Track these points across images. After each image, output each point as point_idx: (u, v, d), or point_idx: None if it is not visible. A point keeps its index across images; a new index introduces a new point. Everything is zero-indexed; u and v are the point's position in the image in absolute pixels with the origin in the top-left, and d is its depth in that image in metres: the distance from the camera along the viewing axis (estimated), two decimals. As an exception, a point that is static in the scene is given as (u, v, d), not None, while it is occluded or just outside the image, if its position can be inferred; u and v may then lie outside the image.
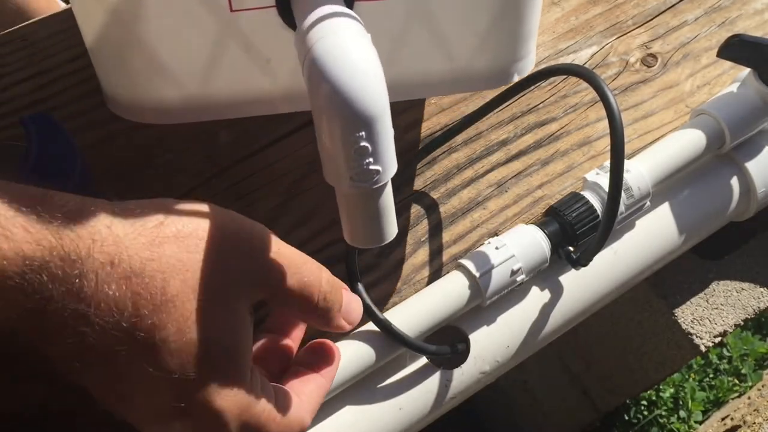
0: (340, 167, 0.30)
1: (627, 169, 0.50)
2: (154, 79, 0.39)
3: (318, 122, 0.30)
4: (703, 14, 0.65)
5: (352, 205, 0.32)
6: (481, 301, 0.47)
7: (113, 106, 0.42)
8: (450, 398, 0.47)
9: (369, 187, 0.30)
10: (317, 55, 0.29)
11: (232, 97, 0.40)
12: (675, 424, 1.27)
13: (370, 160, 0.30)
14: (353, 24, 0.31)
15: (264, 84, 0.40)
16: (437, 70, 0.41)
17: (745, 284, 0.65)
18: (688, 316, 0.64)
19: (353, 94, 0.28)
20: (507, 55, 0.42)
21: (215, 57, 0.38)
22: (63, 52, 0.58)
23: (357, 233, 0.33)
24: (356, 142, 0.29)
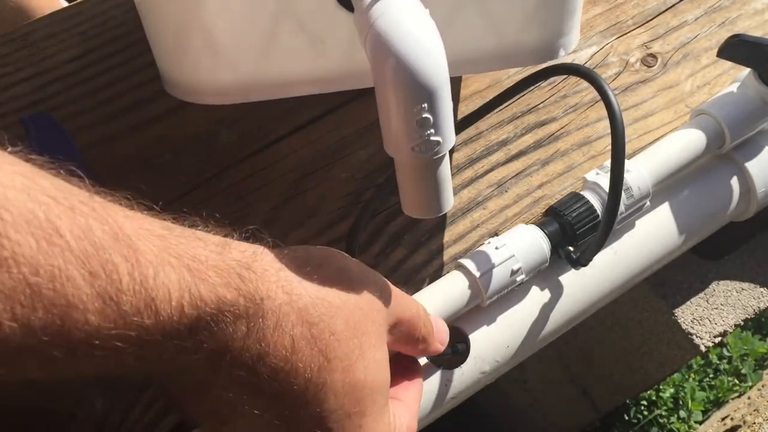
0: (401, 138, 0.31)
1: (627, 169, 0.50)
2: (211, 61, 0.40)
3: (381, 95, 0.31)
4: (703, 14, 0.65)
5: (412, 174, 0.32)
6: (481, 301, 0.47)
7: (170, 88, 0.43)
8: (450, 398, 0.47)
9: (429, 158, 0.31)
10: (381, 30, 0.30)
11: (285, 78, 0.41)
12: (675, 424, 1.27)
13: (431, 131, 0.30)
14: (412, 1, 0.32)
15: (316, 64, 0.41)
16: (485, 47, 0.42)
17: (745, 284, 0.65)
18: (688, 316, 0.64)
19: (417, 67, 0.29)
20: (553, 30, 0.43)
21: (271, 38, 0.39)
22: (63, 52, 0.58)
23: (415, 203, 0.34)
24: (419, 114, 0.30)
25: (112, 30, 0.59)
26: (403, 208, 0.34)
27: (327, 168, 0.54)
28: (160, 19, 0.40)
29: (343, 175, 0.54)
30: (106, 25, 0.60)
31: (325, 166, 0.54)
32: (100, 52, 0.58)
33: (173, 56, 0.42)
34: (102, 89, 0.56)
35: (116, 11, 0.61)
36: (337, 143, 0.55)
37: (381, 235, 0.51)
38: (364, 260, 0.50)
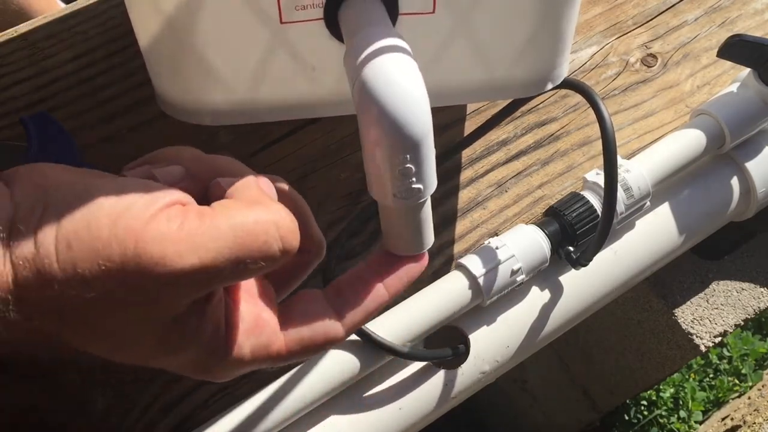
0: (385, 185, 0.32)
1: (627, 169, 0.50)
2: (205, 84, 0.41)
3: (365, 142, 0.32)
4: (703, 14, 0.65)
5: (395, 218, 0.34)
6: (481, 301, 0.47)
7: (165, 107, 0.44)
8: (450, 398, 0.47)
9: (411, 203, 0.32)
10: (367, 79, 0.31)
11: (278, 102, 0.43)
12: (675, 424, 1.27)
13: (413, 180, 0.31)
14: (401, 51, 0.32)
15: (308, 90, 0.42)
16: (476, 79, 0.43)
17: (745, 284, 0.65)
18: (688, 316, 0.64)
19: (401, 120, 0.30)
20: (544, 63, 0.44)
21: (263, 64, 0.40)
22: (63, 52, 0.58)
23: (397, 243, 0.35)
24: (401, 164, 0.31)
25: (112, 30, 0.59)
26: (386, 246, 0.35)
27: (327, 168, 0.54)
28: (154, 40, 0.41)
29: (343, 175, 0.53)
30: (106, 25, 0.60)
31: (325, 166, 0.54)
32: (100, 52, 0.58)
33: (168, 77, 0.42)
34: (102, 89, 0.56)
35: (116, 11, 0.61)
36: (337, 143, 0.55)
37: (381, 235, 0.51)
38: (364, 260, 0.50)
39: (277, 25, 0.38)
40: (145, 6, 0.39)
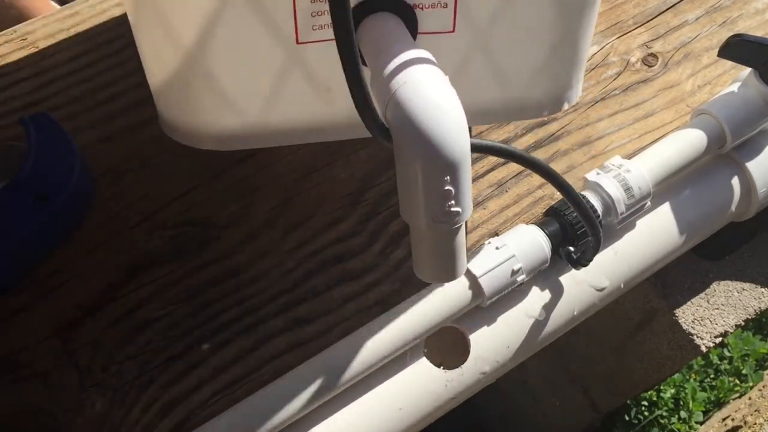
0: (421, 208, 0.31)
1: (627, 169, 0.50)
2: (215, 108, 0.39)
3: (401, 164, 0.31)
4: (703, 14, 0.65)
5: (429, 243, 0.33)
6: (481, 301, 0.47)
7: (170, 131, 0.42)
8: (450, 398, 0.47)
9: (448, 228, 0.31)
10: (403, 99, 0.29)
11: (291, 125, 0.41)
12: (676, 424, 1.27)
13: (452, 203, 0.30)
14: (433, 68, 0.31)
15: (322, 112, 0.41)
16: (493, 99, 0.43)
17: (746, 284, 0.65)
18: (689, 317, 0.64)
19: (441, 141, 0.29)
20: (559, 84, 0.43)
21: (277, 86, 0.39)
22: (63, 52, 0.58)
23: (429, 269, 0.34)
24: (441, 186, 0.30)
25: (112, 30, 0.59)
26: (416, 272, 0.34)
27: (327, 168, 0.54)
28: (161, 60, 0.39)
29: (343, 175, 0.53)
30: (106, 25, 0.60)
31: (325, 166, 0.54)
32: (100, 51, 0.58)
33: (174, 99, 0.41)
34: (102, 89, 0.56)
35: (116, 11, 0.61)
36: (337, 143, 0.55)
37: (381, 235, 0.51)
38: (364, 260, 0.50)
39: (292, 45, 0.37)
40: (153, 24, 0.38)
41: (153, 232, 0.50)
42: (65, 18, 0.60)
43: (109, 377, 0.45)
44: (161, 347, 0.46)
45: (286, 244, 0.50)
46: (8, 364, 0.45)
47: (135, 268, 0.49)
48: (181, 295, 0.48)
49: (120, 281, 0.48)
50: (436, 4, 0.37)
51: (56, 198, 0.48)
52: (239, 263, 0.49)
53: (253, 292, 0.48)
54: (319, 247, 0.50)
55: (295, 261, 0.50)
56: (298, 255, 0.50)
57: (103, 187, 0.52)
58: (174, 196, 0.52)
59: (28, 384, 0.45)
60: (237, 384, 0.45)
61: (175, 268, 0.49)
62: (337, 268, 0.50)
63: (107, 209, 0.51)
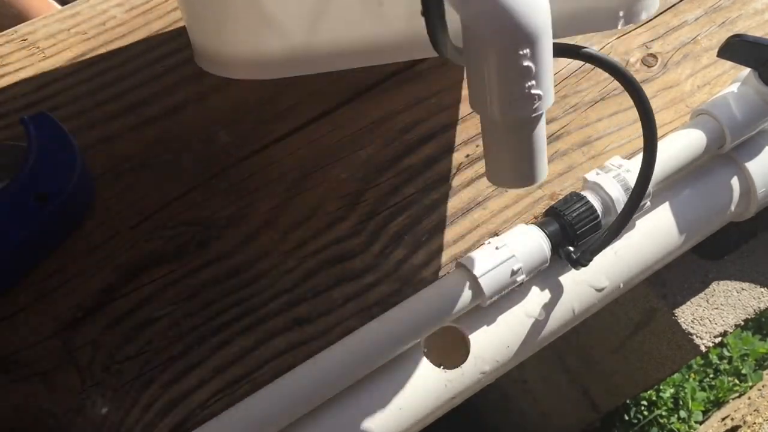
0: (497, 90, 0.27)
1: (627, 169, 0.50)
2: (255, 29, 0.36)
3: (473, 40, 0.27)
4: (703, 14, 0.65)
5: (505, 135, 0.28)
6: (481, 301, 0.47)
7: (205, 62, 0.39)
8: (450, 398, 0.47)
9: (528, 116, 0.27)
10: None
11: (339, 47, 0.37)
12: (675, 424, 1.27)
13: (532, 83, 0.27)
14: None
15: (374, 31, 0.36)
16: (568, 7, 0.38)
17: (745, 284, 0.65)
18: (689, 316, 0.64)
19: (521, 8, 0.26)
20: None
21: (323, 1, 0.35)
22: (63, 52, 0.58)
23: (506, 170, 0.30)
24: (520, 61, 0.26)
25: (112, 30, 0.59)
26: (489, 178, 0.30)
27: (327, 168, 0.54)
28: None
29: (343, 175, 0.53)
30: (106, 25, 0.60)
31: (325, 166, 0.54)
32: (100, 52, 0.58)
33: (211, 25, 0.37)
34: (102, 89, 0.56)
35: (116, 11, 0.61)
36: (337, 143, 0.55)
37: (381, 235, 0.51)
38: (364, 260, 0.50)
39: None
40: None
41: (153, 232, 0.50)
42: (66, 18, 0.60)
43: (109, 377, 0.45)
44: (161, 347, 0.46)
45: (286, 244, 0.50)
46: (8, 363, 0.45)
47: (135, 268, 0.49)
48: (181, 295, 0.48)
49: (120, 281, 0.48)
50: None
51: (56, 198, 0.48)
52: (239, 263, 0.49)
53: (253, 292, 0.48)
54: (319, 247, 0.50)
55: (295, 261, 0.50)
56: (298, 255, 0.50)
57: (103, 187, 0.52)
58: (174, 196, 0.52)
59: (29, 384, 0.45)
60: (237, 384, 0.46)
61: (175, 268, 0.49)
62: (337, 268, 0.50)
63: (107, 209, 0.51)
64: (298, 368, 0.45)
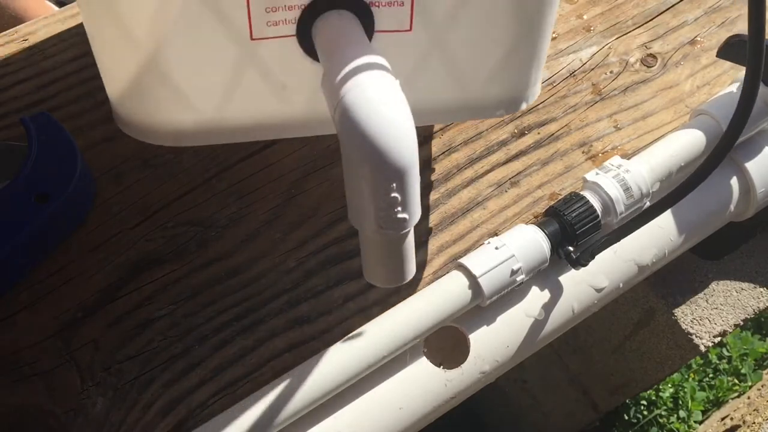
0: (368, 214, 0.30)
1: (627, 169, 0.50)
2: (170, 104, 0.39)
3: (348, 169, 0.30)
4: (702, 14, 0.65)
5: (376, 248, 0.33)
6: (481, 301, 0.47)
7: (125, 128, 0.42)
8: (450, 398, 0.47)
9: (395, 234, 0.31)
10: (350, 105, 0.29)
11: (246, 122, 0.41)
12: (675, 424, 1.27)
13: (398, 209, 0.30)
14: (383, 72, 0.31)
15: (278, 109, 0.40)
16: (450, 98, 0.42)
17: (745, 284, 0.65)
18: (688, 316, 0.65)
19: (387, 148, 0.29)
20: (519, 82, 0.43)
21: (232, 83, 0.38)
22: (63, 52, 0.58)
23: (378, 273, 0.34)
24: (387, 193, 0.30)
25: (112, 30, 0.59)
26: (366, 277, 0.34)
27: (327, 168, 0.54)
28: (114, 56, 0.39)
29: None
30: (106, 25, 0.60)
31: (325, 166, 0.54)
32: (100, 52, 0.58)
33: (128, 96, 0.40)
34: (102, 89, 0.56)
35: (116, 11, 0.61)
36: (337, 143, 0.55)
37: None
38: (364, 260, 0.50)
39: (247, 42, 0.36)
40: (104, 21, 0.37)
41: (153, 232, 0.50)
42: (66, 19, 0.60)
43: (109, 377, 0.45)
44: (162, 347, 0.46)
45: (286, 244, 0.50)
46: (9, 363, 0.45)
47: (135, 268, 0.49)
48: (182, 294, 0.48)
49: (120, 281, 0.48)
50: (393, 2, 0.36)
51: (57, 198, 0.48)
52: (239, 263, 0.49)
53: (253, 292, 0.49)
54: (319, 247, 0.50)
55: (295, 261, 0.50)
56: (298, 255, 0.50)
57: (104, 187, 0.52)
58: (174, 196, 0.52)
59: (29, 383, 0.45)
60: (237, 384, 0.46)
61: (175, 268, 0.49)
62: (337, 268, 0.50)
63: (108, 209, 0.51)
64: (298, 368, 0.45)
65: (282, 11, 0.35)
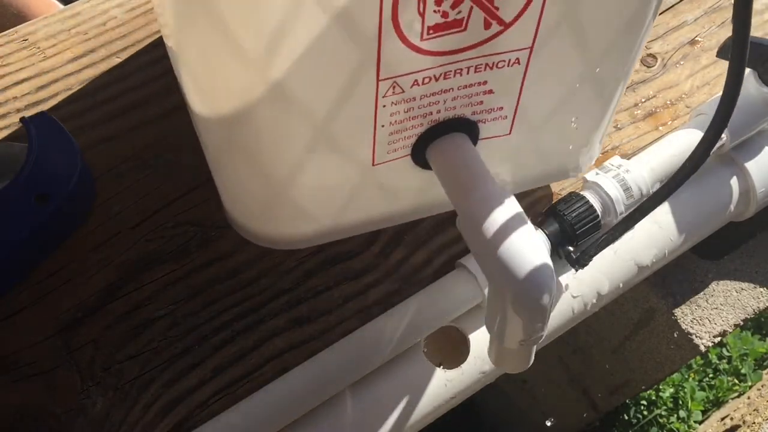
0: (514, 339, 0.36)
1: (627, 169, 0.50)
2: (293, 220, 0.44)
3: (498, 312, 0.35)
4: (702, 14, 0.65)
5: (515, 353, 0.38)
6: (481, 301, 0.47)
7: (241, 231, 0.47)
8: (450, 398, 0.47)
9: (532, 344, 0.37)
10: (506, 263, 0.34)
11: (358, 222, 0.46)
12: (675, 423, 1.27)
13: (541, 334, 0.36)
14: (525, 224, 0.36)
15: (388, 207, 0.46)
16: (532, 173, 0.49)
17: (745, 284, 0.65)
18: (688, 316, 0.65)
19: (538, 299, 0.34)
20: (589, 152, 0.49)
21: (351, 198, 0.43)
22: (63, 52, 0.58)
23: (508, 365, 0.40)
24: (536, 330, 0.35)
25: (112, 30, 0.59)
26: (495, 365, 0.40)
27: (327, 168, 0.54)
28: (243, 188, 0.44)
29: (343, 175, 0.54)
30: (106, 25, 0.60)
31: (325, 166, 0.54)
32: (100, 52, 0.58)
33: (252, 213, 0.45)
34: (102, 89, 0.56)
35: (116, 11, 0.61)
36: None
37: (381, 235, 0.51)
38: (364, 260, 0.50)
39: (369, 168, 0.41)
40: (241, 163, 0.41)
41: (153, 232, 0.50)
42: (66, 18, 0.60)
43: (109, 377, 0.45)
44: (162, 347, 0.46)
45: (286, 244, 0.50)
46: (9, 363, 0.45)
47: (135, 268, 0.49)
48: (182, 294, 0.48)
49: (120, 281, 0.48)
50: (498, 117, 0.41)
51: (57, 198, 0.48)
52: (239, 263, 0.49)
53: (253, 291, 0.49)
54: (319, 246, 0.50)
55: (295, 261, 0.50)
56: (298, 255, 0.50)
57: (104, 187, 0.52)
58: (174, 196, 0.52)
59: (29, 383, 0.45)
60: (237, 384, 0.46)
61: (175, 268, 0.49)
62: (337, 268, 0.50)
63: (108, 209, 0.51)
64: (298, 368, 0.45)
65: (401, 140, 0.40)
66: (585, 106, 0.43)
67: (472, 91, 0.38)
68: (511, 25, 0.35)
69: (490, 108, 0.40)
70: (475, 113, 0.40)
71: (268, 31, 0.31)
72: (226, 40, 0.32)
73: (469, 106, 0.39)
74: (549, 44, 0.36)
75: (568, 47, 0.37)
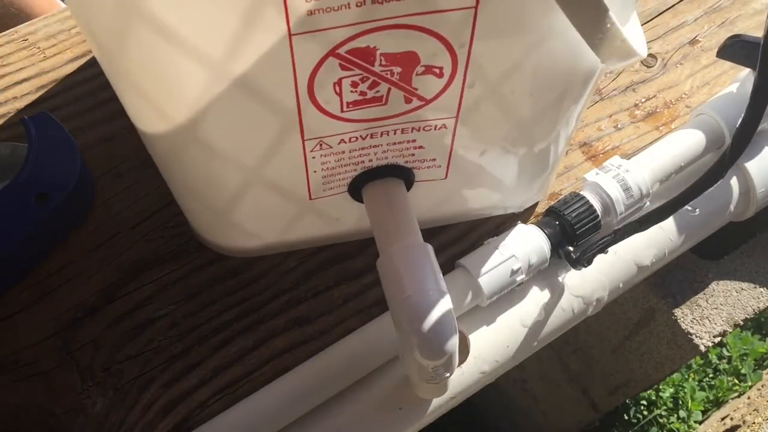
0: (424, 377, 0.38)
1: (627, 169, 0.50)
2: (241, 238, 0.48)
3: (404, 350, 0.38)
4: (702, 14, 0.65)
5: (423, 388, 0.42)
6: (480, 301, 0.47)
7: (206, 244, 0.50)
8: (450, 398, 0.47)
9: (437, 382, 0.39)
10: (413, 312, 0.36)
11: (304, 239, 0.49)
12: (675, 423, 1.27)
13: (441, 375, 0.38)
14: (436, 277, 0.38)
15: (331, 230, 0.48)
16: (467, 211, 0.51)
17: (745, 284, 0.65)
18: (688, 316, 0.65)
19: (440, 348, 0.36)
20: (528, 195, 0.51)
21: (291, 223, 0.46)
22: (63, 52, 0.58)
23: (427, 394, 0.44)
24: (440, 374, 0.38)
25: (112, 30, 0.59)
26: (415, 391, 0.44)
27: (327, 168, 0.54)
28: (198, 213, 0.47)
29: (343, 175, 0.54)
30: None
31: (325, 166, 0.54)
32: (100, 52, 0.58)
33: (209, 231, 0.48)
34: (102, 89, 0.56)
35: (116, 11, 0.61)
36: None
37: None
38: (364, 260, 0.50)
39: (305, 201, 0.43)
40: (183, 189, 0.44)
41: (153, 232, 0.50)
42: (66, 18, 0.60)
43: (109, 377, 0.45)
44: (162, 347, 0.46)
45: (286, 244, 0.51)
46: (9, 363, 0.46)
47: (135, 268, 0.49)
48: (181, 294, 0.48)
49: (120, 281, 0.48)
50: (432, 166, 0.42)
51: (57, 198, 0.48)
52: (239, 263, 0.49)
53: (253, 291, 0.49)
54: (319, 247, 0.50)
55: (295, 261, 0.50)
56: (298, 255, 0.50)
57: (104, 187, 0.52)
58: (174, 197, 0.52)
59: (29, 383, 0.45)
60: (237, 384, 0.46)
61: (175, 268, 0.49)
62: (337, 268, 0.50)
63: (108, 209, 0.51)
64: (298, 368, 0.45)
65: (336, 182, 0.42)
66: (522, 159, 0.44)
67: (402, 146, 0.40)
68: (432, 102, 0.36)
69: (422, 159, 0.41)
70: (408, 162, 0.41)
71: (189, 104, 0.33)
72: (151, 106, 0.35)
73: (401, 157, 0.41)
74: (475, 112, 0.37)
75: (495, 114, 0.38)
